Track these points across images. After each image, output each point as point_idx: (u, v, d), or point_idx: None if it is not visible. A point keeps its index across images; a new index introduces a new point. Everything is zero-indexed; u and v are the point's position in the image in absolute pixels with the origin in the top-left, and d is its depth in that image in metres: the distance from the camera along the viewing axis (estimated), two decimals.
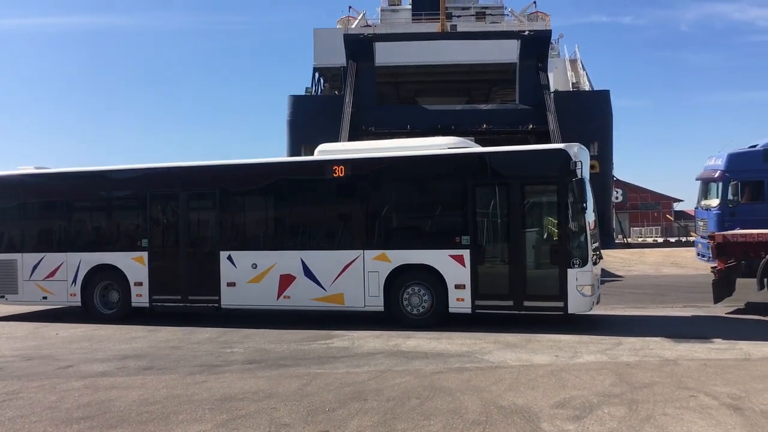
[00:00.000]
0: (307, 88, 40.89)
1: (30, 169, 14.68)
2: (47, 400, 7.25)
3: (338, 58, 36.52)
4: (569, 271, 10.62)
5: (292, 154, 35.91)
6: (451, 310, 11.35)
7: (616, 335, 10.20)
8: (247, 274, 12.43)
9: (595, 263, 10.95)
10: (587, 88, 38.39)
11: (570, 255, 10.66)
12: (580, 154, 10.80)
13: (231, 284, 12.53)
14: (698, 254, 21.39)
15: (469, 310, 11.25)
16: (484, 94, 43.94)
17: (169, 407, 6.78)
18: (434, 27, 38.42)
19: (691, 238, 29.67)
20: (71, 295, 13.57)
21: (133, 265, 13.16)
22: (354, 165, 12.12)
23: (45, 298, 13.83)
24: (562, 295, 10.67)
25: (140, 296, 13.13)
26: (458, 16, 42.66)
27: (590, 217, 10.97)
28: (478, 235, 11.36)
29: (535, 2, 43.41)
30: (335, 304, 12.00)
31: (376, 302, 11.75)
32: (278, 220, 12.93)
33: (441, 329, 11.18)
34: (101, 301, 13.53)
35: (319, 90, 42.09)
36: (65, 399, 7.26)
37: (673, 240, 43.47)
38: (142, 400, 7.12)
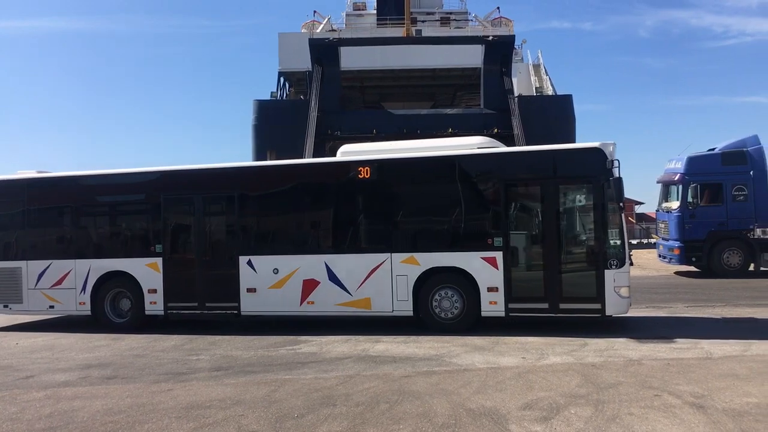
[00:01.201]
0: (272, 92, 40.66)
1: (31, 173, 14.06)
2: (8, 411, 7.07)
3: (303, 62, 36.39)
4: (606, 272, 10.43)
5: (257, 159, 35.61)
6: (483, 314, 11.09)
7: (581, 336, 10.33)
8: (268, 279, 12.04)
9: (632, 264, 10.80)
10: (550, 92, 38.85)
11: (607, 256, 10.47)
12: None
13: (251, 290, 12.14)
14: (660, 256, 21.83)
15: (502, 314, 10.97)
16: (449, 99, 44.20)
17: (134, 417, 6.67)
18: (399, 32, 38.55)
19: (653, 240, 30.22)
20: (80, 303, 13.01)
21: (147, 271, 12.68)
22: (380, 166, 11.85)
23: (52, 307, 13.22)
24: (600, 296, 10.47)
25: (154, 304, 12.63)
26: (423, 21, 42.90)
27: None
28: (511, 236, 11.10)
29: (498, 8, 44.01)
30: (362, 309, 11.69)
31: (404, 307, 11.45)
32: (301, 224, 12.56)
33: (409, 333, 11.20)
34: (112, 310, 13.02)
35: (285, 94, 41.88)
36: (26, 410, 7.09)
37: (635, 242, 44.19)
38: (107, 409, 6.98)
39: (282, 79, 41.28)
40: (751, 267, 19.33)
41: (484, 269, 11.03)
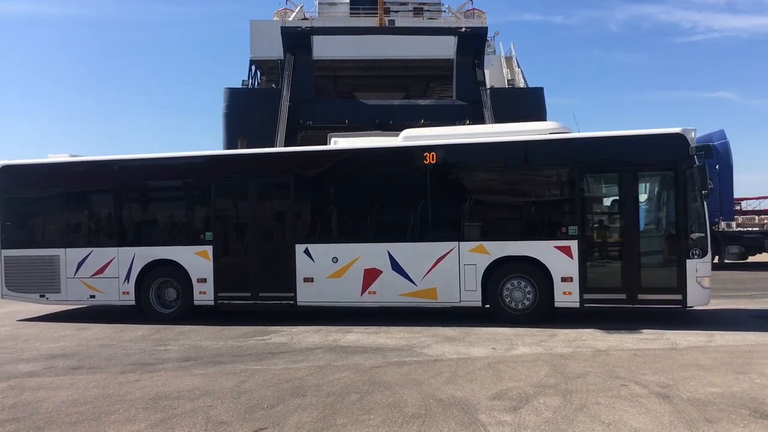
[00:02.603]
0: (243, 80, 40.25)
1: (64, 157, 13.39)
2: None
3: (275, 50, 36.07)
4: (688, 261, 10.11)
5: (228, 148, 35.25)
6: (557, 304, 10.79)
7: (550, 327, 10.43)
8: (326, 268, 11.66)
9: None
10: (522, 85, 39.09)
11: (689, 245, 10.15)
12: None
13: (308, 280, 11.76)
14: None
15: (577, 305, 10.67)
16: (422, 90, 44.20)
17: (100, 407, 6.57)
18: (372, 22, 38.42)
19: None
20: (124, 293, 12.50)
21: (196, 259, 12.21)
22: (448, 151, 11.48)
23: (93, 296, 12.66)
24: (681, 287, 10.16)
25: (204, 293, 12.18)
26: (396, 12, 42.77)
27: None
28: (587, 224, 10.81)
29: (471, 0, 43.92)
30: (427, 300, 11.36)
31: (472, 297, 11.13)
32: (362, 211, 11.92)
33: (380, 323, 11.21)
34: (156, 300, 12.62)
35: (256, 83, 41.52)
36: None
37: None
38: (72, 400, 6.87)
39: (253, 68, 40.91)
40: (716, 260, 19.68)
41: (558, 258, 10.72)
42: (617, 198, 10.90)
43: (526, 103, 35.72)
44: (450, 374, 7.56)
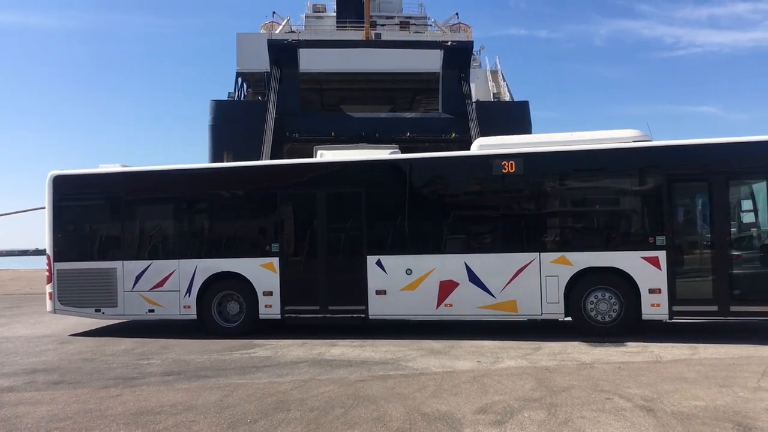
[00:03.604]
0: (229, 93, 40.28)
1: (116, 167, 12.97)
2: None
3: (262, 63, 36.15)
4: None
5: (213, 160, 35.22)
6: (644, 317, 10.40)
7: (536, 340, 10.43)
8: (400, 280, 11.28)
9: None
10: (507, 98, 39.39)
11: None
12: None
13: (380, 292, 11.36)
14: None
15: (666, 317, 10.34)
16: (408, 103, 44.40)
17: (80, 423, 6.47)
18: (359, 35, 38.57)
19: None
20: (185, 307, 12.04)
21: (261, 272, 11.79)
22: (528, 160, 11.06)
23: (152, 311, 12.19)
24: None
25: (270, 307, 11.77)
26: (382, 25, 42.98)
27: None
28: (676, 234, 10.44)
29: (457, 14, 44.33)
30: (506, 312, 10.97)
31: (555, 309, 10.77)
32: (437, 221, 11.56)
33: (365, 336, 11.16)
34: (218, 314, 12.19)
35: (242, 95, 41.52)
36: None
37: None
38: (52, 416, 6.77)
39: (240, 80, 40.95)
40: None
41: (645, 269, 10.35)
42: (707, 206, 10.49)
43: (511, 116, 36.00)
44: (435, 388, 7.53)
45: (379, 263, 11.42)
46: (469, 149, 12.59)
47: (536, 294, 10.82)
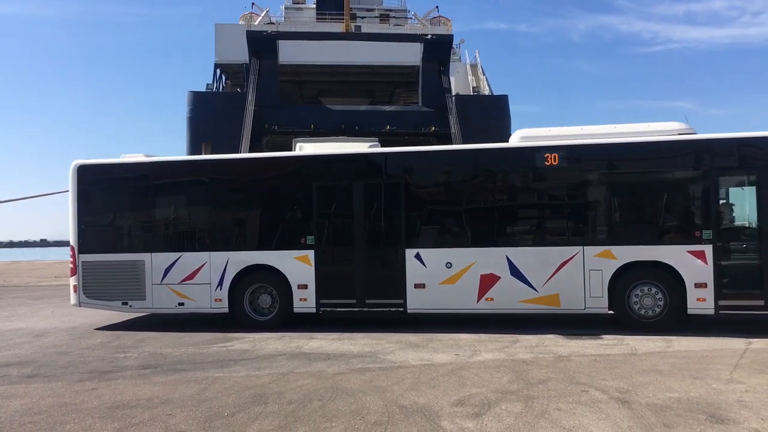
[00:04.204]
0: (207, 84, 39.89)
1: (140, 157, 12.66)
2: None
3: (240, 54, 35.80)
4: None
5: (191, 152, 34.88)
6: (690, 311, 10.36)
7: (513, 333, 10.51)
8: (439, 274, 11.15)
9: None
10: (487, 92, 39.45)
11: None
12: None
13: (419, 286, 11.22)
14: None
15: (711, 311, 10.28)
16: (388, 96, 44.30)
17: (55, 417, 6.40)
18: (339, 27, 38.37)
19: None
20: (216, 300, 11.83)
21: (296, 264, 11.60)
22: (572, 152, 10.96)
23: (182, 304, 11.95)
24: None
25: (305, 300, 11.59)
26: (362, 18, 42.80)
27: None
28: (722, 228, 10.38)
29: (437, 7, 44.28)
30: (549, 307, 10.87)
31: (598, 304, 10.67)
32: (477, 214, 11.42)
33: (343, 329, 11.15)
34: (250, 307, 11.95)
35: (221, 87, 41.15)
36: None
37: None
38: (26, 409, 6.69)
39: (218, 71, 40.56)
40: None
41: (691, 263, 10.30)
42: (754, 200, 10.41)
43: (490, 110, 36.07)
44: (413, 381, 7.55)
45: (418, 256, 11.28)
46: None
47: (580, 288, 10.74)
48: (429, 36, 36.20)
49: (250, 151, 28.35)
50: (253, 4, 42.94)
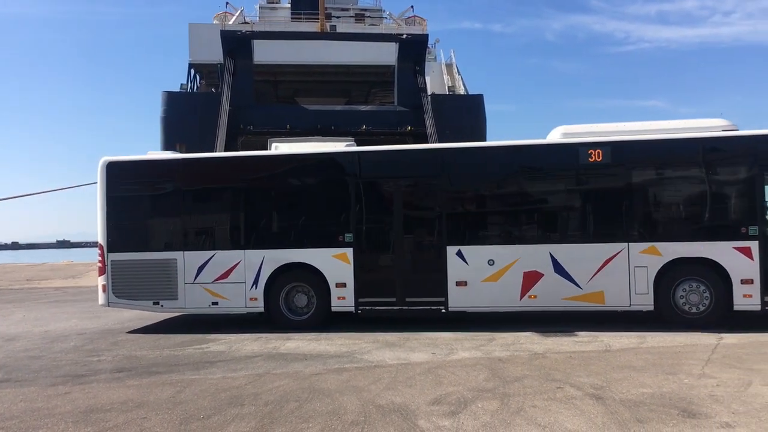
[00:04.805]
0: (182, 84, 39.58)
1: (167, 154, 12.37)
2: None
3: (215, 54, 35.58)
4: None
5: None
6: (736, 307, 10.33)
7: (489, 331, 10.57)
8: (481, 271, 11.01)
9: None
10: (462, 92, 39.64)
11: None
12: None
13: (461, 283, 11.06)
14: None
15: (758, 308, 10.25)
16: (364, 96, 44.27)
17: (27, 422, 6.31)
18: (314, 27, 38.33)
19: None
20: (251, 299, 11.57)
21: (334, 263, 11.40)
22: (616, 148, 10.89)
23: (215, 303, 11.66)
24: None
25: (343, 299, 11.38)
26: (337, 17, 42.78)
27: None
28: None
29: (412, 7, 44.24)
30: (593, 304, 10.78)
31: (643, 301, 10.63)
32: (520, 211, 11.43)
33: (321, 330, 11.13)
34: (285, 306, 11.73)
35: (195, 87, 40.85)
36: None
37: None
38: None
39: (192, 71, 40.26)
40: None
41: (737, 260, 10.29)
42: None
43: (466, 110, 36.27)
44: (390, 380, 7.56)
45: (459, 254, 11.14)
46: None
47: (624, 285, 10.69)
48: (404, 36, 36.30)
49: (225, 151, 28.18)
50: (227, 3, 42.74)
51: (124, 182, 12.24)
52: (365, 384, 7.41)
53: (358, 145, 12.88)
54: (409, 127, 34.21)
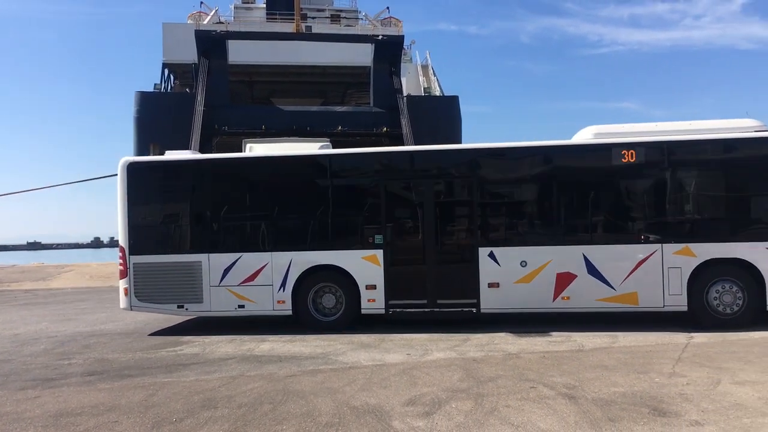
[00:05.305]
0: (155, 84, 39.25)
1: (191, 154, 11.98)
2: None
3: (189, 54, 35.32)
4: None
5: (139, 153, 34.27)
6: None
7: (464, 332, 10.61)
8: (514, 273, 10.92)
9: None
10: (438, 93, 39.81)
11: None
12: None
13: (493, 285, 10.97)
14: None
15: None
16: (340, 96, 44.24)
17: None
18: (289, 27, 38.17)
19: None
20: (279, 302, 11.38)
21: (364, 265, 11.25)
22: (650, 149, 10.85)
23: (242, 306, 11.47)
24: None
25: (373, 301, 11.23)
26: (313, 18, 42.66)
27: None
28: None
29: (388, 8, 44.45)
30: (627, 305, 10.73)
31: (677, 302, 10.56)
32: (552, 211, 11.32)
33: (296, 332, 11.09)
34: (313, 308, 11.54)
35: (169, 87, 40.51)
36: None
37: None
38: None
39: (166, 71, 39.94)
40: None
41: None
42: None
43: (441, 111, 36.43)
44: (365, 381, 7.56)
45: (491, 255, 11.05)
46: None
47: (658, 286, 10.65)
48: (380, 36, 36.32)
49: (201, 152, 27.97)
50: (201, 3, 42.37)
51: (146, 183, 11.99)
52: (340, 385, 7.40)
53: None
54: (385, 128, 34.27)
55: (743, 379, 7.17)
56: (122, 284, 11.69)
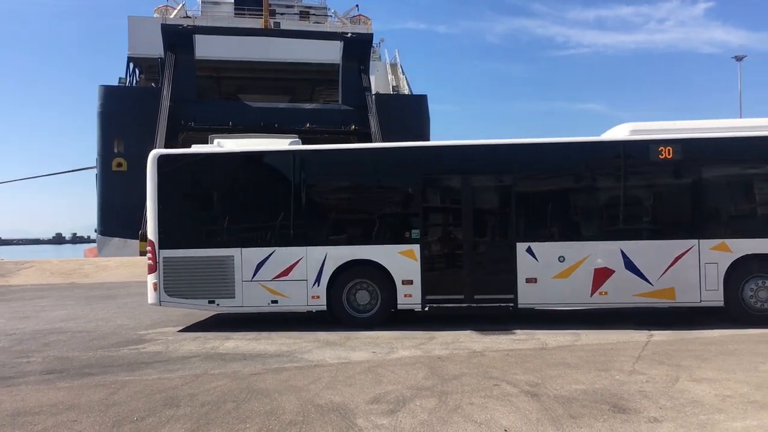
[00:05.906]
0: (120, 78, 38.70)
1: (228, 144, 11.79)
2: None
3: (155, 48, 34.90)
4: None
5: (103, 149, 33.81)
6: None
7: (430, 330, 10.65)
8: (552, 268, 10.88)
9: None
10: (407, 91, 39.96)
11: None
12: None
13: (531, 280, 10.92)
14: None
15: None
16: (308, 94, 44.13)
17: None
18: (257, 23, 38.00)
19: None
20: (313, 297, 11.17)
21: (400, 260, 11.08)
22: (687, 146, 10.88)
23: (275, 302, 11.21)
24: None
25: (409, 297, 11.10)
26: (282, 14, 42.52)
27: None
28: None
29: (357, 6, 44.34)
30: (664, 300, 10.81)
31: (714, 297, 10.63)
32: (590, 208, 11.39)
33: (261, 329, 11.03)
34: (348, 304, 11.32)
35: (134, 81, 39.96)
36: None
37: None
38: None
39: (131, 65, 39.40)
40: None
41: None
42: None
43: (410, 110, 36.58)
44: (329, 379, 7.55)
45: (529, 250, 11.01)
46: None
47: (695, 281, 10.73)
48: (349, 34, 36.32)
49: (165, 147, 27.65)
50: None
51: (178, 176, 11.71)
52: (304, 383, 7.37)
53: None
54: (354, 126, 34.28)
55: (700, 376, 7.33)
56: (151, 279, 11.38)
